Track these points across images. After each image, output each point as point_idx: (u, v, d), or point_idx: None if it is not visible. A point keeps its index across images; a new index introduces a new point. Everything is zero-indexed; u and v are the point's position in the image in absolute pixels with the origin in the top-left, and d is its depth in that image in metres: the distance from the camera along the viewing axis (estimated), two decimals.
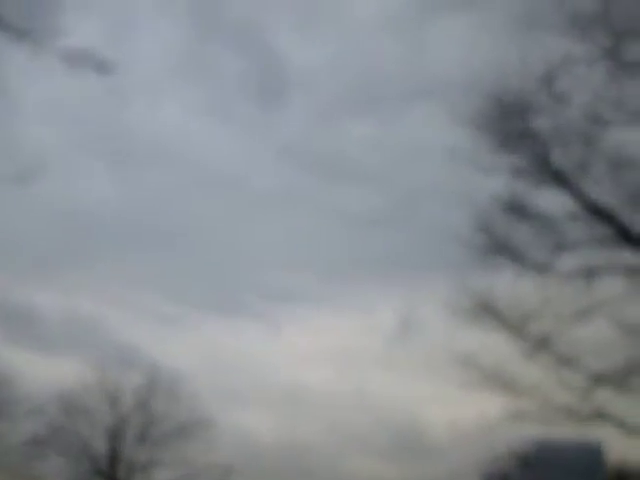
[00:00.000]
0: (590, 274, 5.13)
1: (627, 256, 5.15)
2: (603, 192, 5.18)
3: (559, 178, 5.27)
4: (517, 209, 5.43)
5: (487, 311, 5.38)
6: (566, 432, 6.49)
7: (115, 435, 13.66)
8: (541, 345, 5.23)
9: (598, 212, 5.21)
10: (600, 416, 5.10)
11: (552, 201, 5.37)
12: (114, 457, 13.63)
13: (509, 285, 5.37)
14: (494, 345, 5.37)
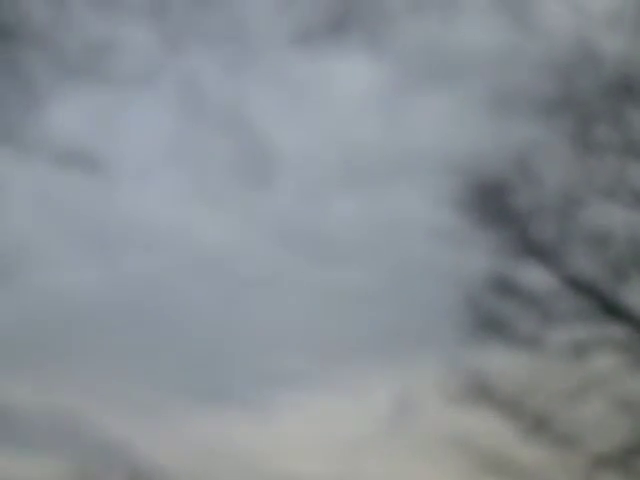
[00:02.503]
0: (581, 349, 5.13)
1: (616, 330, 5.17)
2: (584, 266, 5.27)
3: (539, 254, 5.38)
4: (503, 285, 5.49)
5: (481, 390, 5.32)
6: None
7: None
8: (538, 424, 5.13)
9: (580, 286, 5.28)
10: None
11: (536, 276, 5.45)
12: None
13: (501, 362, 5.34)
14: (491, 426, 5.27)
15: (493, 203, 5.55)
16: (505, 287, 5.40)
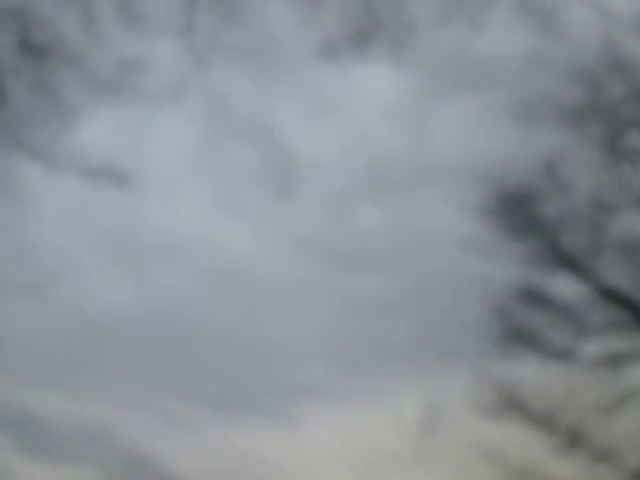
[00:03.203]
0: (615, 361, 5.01)
1: None
2: (616, 276, 5.16)
3: (570, 264, 5.27)
4: (533, 296, 5.39)
5: (512, 403, 5.22)
6: None
7: None
8: (573, 439, 5.01)
9: (613, 296, 5.16)
10: None
11: (567, 287, 5.34)
12: None
13: (533, 375, 5.24)
14: (522, 440, 5.16)
15: (521, 212, 5.47)
16: (535, 298, 5.30)
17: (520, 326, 5.38)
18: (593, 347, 5.14)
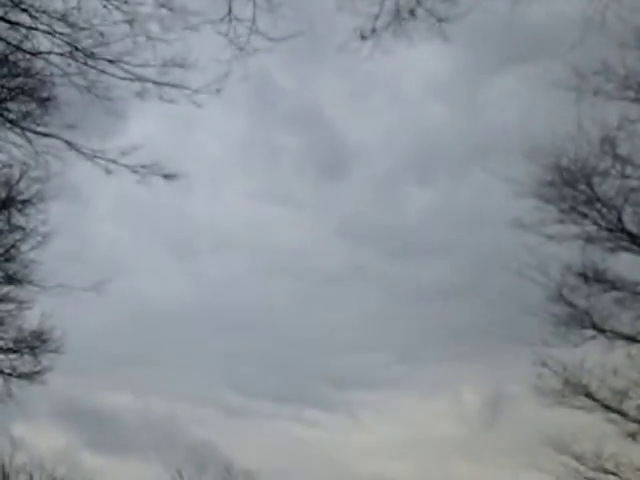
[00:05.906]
0: None
1: None
2: None
3: (634, 241, 4.98)
4: (595, 277, 5.13)
5: (577, 389, 5.00)
6: None
7: None
8: None
9: None
10: None
11: (632, 265, 5.05)
12: None
13: (598, 359, 5.00)
14: (590, 426, 4.94)
15: (580, 189, 5.20)
16: (598, 279, 5.04)
17: (583, 308, 5.14)
18: None
